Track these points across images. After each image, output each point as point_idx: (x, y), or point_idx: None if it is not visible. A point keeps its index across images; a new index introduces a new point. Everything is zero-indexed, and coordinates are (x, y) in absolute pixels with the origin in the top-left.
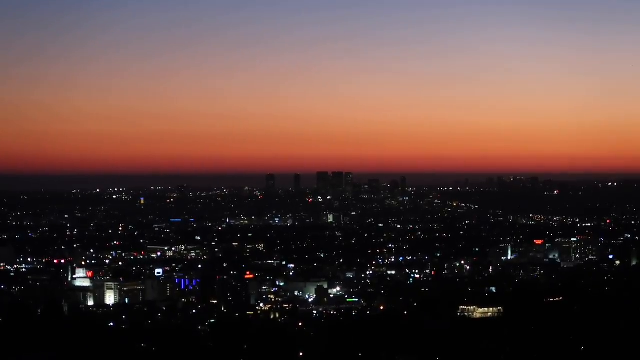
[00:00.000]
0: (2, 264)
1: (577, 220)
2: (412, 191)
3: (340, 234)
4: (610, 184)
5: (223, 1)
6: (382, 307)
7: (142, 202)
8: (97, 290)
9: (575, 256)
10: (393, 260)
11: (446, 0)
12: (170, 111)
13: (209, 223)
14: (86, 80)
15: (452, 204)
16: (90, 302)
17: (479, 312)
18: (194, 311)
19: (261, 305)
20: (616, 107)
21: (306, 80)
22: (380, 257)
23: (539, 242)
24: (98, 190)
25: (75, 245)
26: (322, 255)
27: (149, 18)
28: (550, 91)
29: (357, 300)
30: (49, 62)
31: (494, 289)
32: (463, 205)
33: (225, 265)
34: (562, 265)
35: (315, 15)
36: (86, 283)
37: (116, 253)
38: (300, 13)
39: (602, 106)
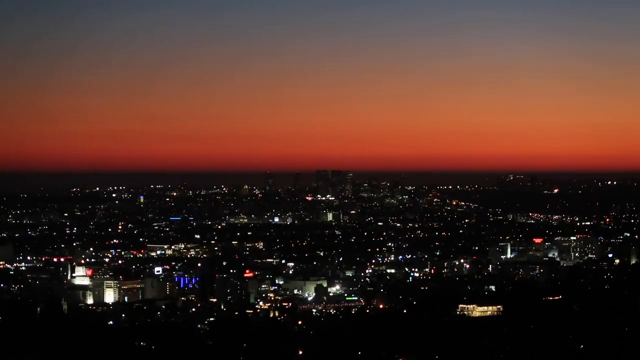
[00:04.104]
0: (1, 263)
1: (577, 218)
2: (411, 190)
3: (339, 233)
4: (609, 182)
5: (223, 3)
6: (381, 306)
7: (142, 200)
8: (97, 289)
9: (574, 255)
10: (392, 258)
11: (446, 2)
12: (170, 110)
13: (208, 221)
14: (85, 80)
15: (452, 202)
16: (90, 301)
17: (478, 310)
18: (194, 309)
19: (260, 303)
20: (616, 106)
21: (306, 79)
22: (379, 255)
23: (538, 240)
24: (97, 188)
25: (74, 244)
26: (322, 254)
27: (150, 17)
28: (550, 90)
29: (356, 298)
30: (49, 62)
31: (493, 288)
32: (462, 204)
33: (224, 263)
34: (561, 264)
35: (313, 15)
36: (86, 281)
37: (116, 251)
38: (300, 14)
39: (602, 105)
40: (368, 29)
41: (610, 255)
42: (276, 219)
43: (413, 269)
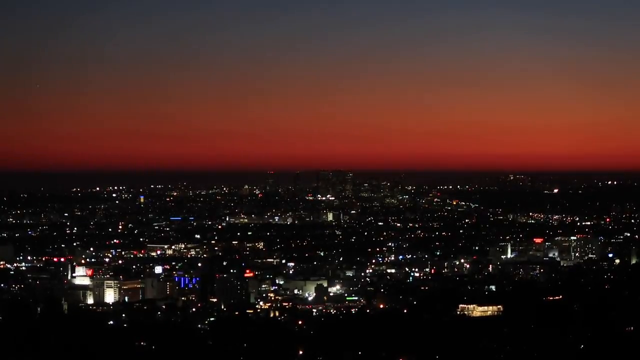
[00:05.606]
0: (1, 263)
1: (577, 218)
2: (411, 190)
3: (340, 233)
4: (609, 182)
5: (225, 2)
6: (381, 306)
7: (142, 200)
8: (97, 289)
9: (574, 255)
10: (393, 258)
11: (447, 2)
12: (170, 110)
13: (208, 221)
14: (86, 80)
15: (452, 202)
16: (90, 301)
17: (478, 310)
18: (194, 309)
19: (261, 303)
20: (615, 106)
21: (306, 79)
22: (380, 255)
23: (538, 240)
24: (97, 188)
25: (74, 244)
26: (322, 254)
27: (152, 20)
28: (550, 90)
29: (356, 298)
30: (49, 61)
31: (493, 288)
32: (463, 203)
33: (224, 263)
34: (561, 264)
35: (312, 15)
36: (86, 281)
37: (116, 251)
38: (299, 14)
39: (602, 105)
40: (367, 30)
41: (610, 255)
42: (276, 219)
43: (413, 269)
